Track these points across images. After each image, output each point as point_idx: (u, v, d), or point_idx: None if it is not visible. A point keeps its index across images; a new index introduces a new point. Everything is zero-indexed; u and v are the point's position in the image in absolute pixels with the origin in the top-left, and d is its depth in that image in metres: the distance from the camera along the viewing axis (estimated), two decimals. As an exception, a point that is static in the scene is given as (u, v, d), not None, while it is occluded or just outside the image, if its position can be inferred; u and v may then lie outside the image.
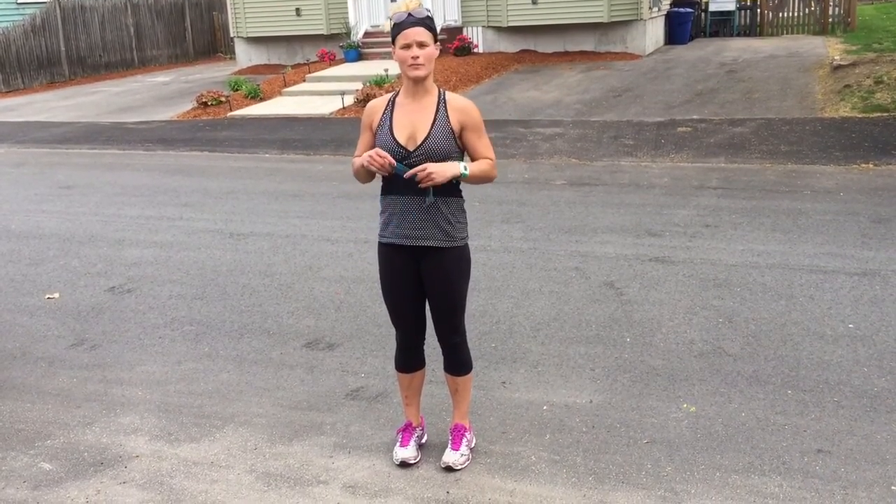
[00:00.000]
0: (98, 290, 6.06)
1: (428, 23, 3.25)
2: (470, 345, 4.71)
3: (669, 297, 5.31)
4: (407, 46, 3.22)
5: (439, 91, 3.39)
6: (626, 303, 5.27)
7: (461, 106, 3.37)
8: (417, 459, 3.67)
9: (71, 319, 5.53)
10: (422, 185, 3.26)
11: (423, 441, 3.81)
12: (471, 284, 5.63)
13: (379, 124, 3.39)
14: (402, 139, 3.31)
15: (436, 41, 3.31)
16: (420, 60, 3.23)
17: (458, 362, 3.59)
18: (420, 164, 3.26)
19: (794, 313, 4.97)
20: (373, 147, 3.37)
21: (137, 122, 13.83)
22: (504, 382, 4.35)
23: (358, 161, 3.42)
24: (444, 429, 3.86)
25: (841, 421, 3.81)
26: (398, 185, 3.36)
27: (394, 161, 3.24)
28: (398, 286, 3.51)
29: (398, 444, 3.70)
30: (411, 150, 3.30)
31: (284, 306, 5.54)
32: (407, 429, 3.73)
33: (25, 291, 6.09)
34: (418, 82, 3.30)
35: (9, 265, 6.70)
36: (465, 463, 3.61)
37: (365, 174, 3.45)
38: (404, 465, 3.64)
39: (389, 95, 3.44)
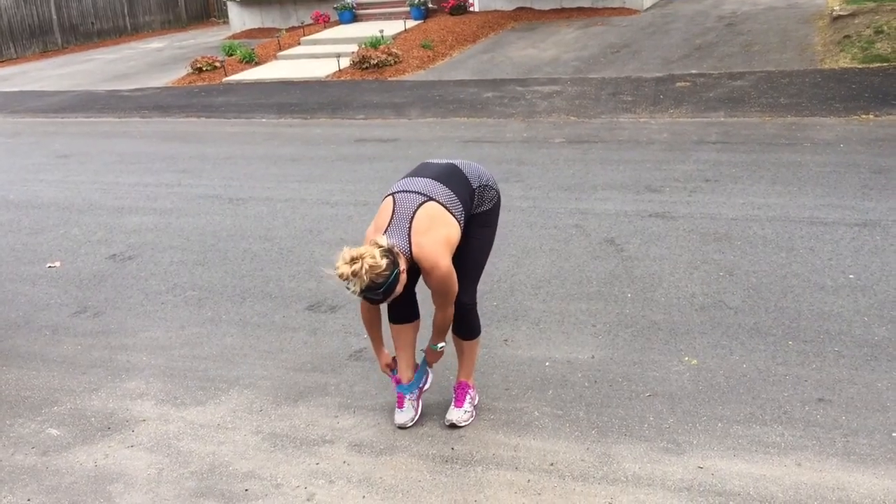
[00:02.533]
0: (99, 257, 6.06)
1: (389, 291, 3.18)
2: (471, 303, 4.75)
3: (670, 252, 5.31)
4: None
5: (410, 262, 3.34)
6: (627, 259, 5.27)
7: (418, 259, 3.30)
8: (415, 419, 3.69)
9: (73, 287, 5.55)
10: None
11: (426, 387, 3.80)
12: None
13: None
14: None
15: (400, 273, 3.20)
16: (400, 293, 3.30)
17: (467, 326, 3.60)
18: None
19: (794, 265, 4.97)
20: None
21: (132, 89, 13.73)
22: (506, 340, 4.37)
23: (370, 328, 3.69)
24: (448, 387, 3.89)
25: (842, 370, 3.83)
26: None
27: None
28: None
29: (396, 407, 3.73)
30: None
31: (286, 270, 5.55)
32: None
33: (27, 261, 6.10)
34: None
35: (9, 235, 6.70)
36: (468, 420, 3.64)
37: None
38: (403, 428, 3.67)
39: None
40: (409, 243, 3.27)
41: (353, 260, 3.11)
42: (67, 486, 3.44)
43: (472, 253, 3.52)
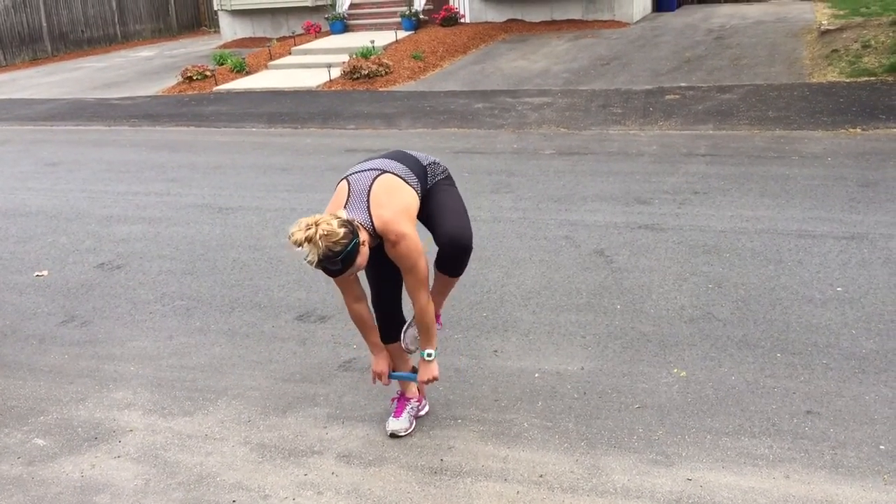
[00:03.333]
0: (87, 266, 6.03)
1: (349, 258, 3.08)
2: (461, 314, 4.76)
3: (659, 264, 5.33)
4: None
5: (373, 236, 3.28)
6: (616, 270, 5.28)
7: (383, 232, 3.24)
8: (409, 432, 3.68)
9: (60, 296, 5.52)
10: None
11: (423, 413, 3.80)
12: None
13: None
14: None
15: (359, 246, 3.12)
16: (360, 269, 3.23)
17: (461, 264, 3.46)
18: None
19: (782, 277, 4.99)
20: (363, 295, 3.52)
21: (122, 97, 13.70)
22: (496, 351, 4.37)
23: (365, 332, 3.60)
24: (437, 398, 3.88)
25: (830, 382, 3.85)
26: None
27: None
28: (377, 264, 3.43)
29: (391, 414, 3.72)
30: None
31: (275, 280, 5.54)
32: (400, 399, 3.75)
33: (14, 269, 6.07)
34: None
35: (-4, 243, 6.66)
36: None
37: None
38: (395, 436, 3.66)
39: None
40: (370, 216, 3.21)
41: (307, 227, 3.02)
42: (53, 497, 3.41)
43: (450, 203, 3.47)
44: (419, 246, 3.25)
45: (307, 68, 14.26)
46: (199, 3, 24.68)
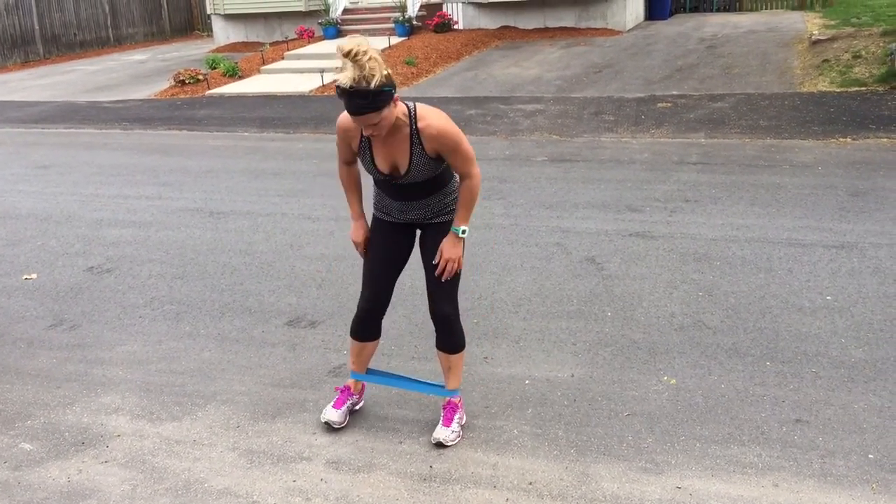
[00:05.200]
0: (77, 270, 6.01)
1: (374, 105, 3.00)
2: (452, 321, 4.74)
3: (650, 272, 5.34)
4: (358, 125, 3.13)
5: (410, 119, 3.24)
6: (607, 278, 5.29)
7: (433, 135, 3.22)
8: (342, 425, 3.76)
9: (49, 300, 5.49)
10: (446, 277, 3.44)
11: (357, 408, 3.90)
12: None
13: (360, 151, 3.36)
14: (385, 170, 3.34)
15: (391, 100, 3.08)
16: (376, 132, 3.13)
17: (452, 340, 3.58)
18: (410, 186, 3.37)
19: (772, 286, 5.01)
20: (354, 160, 3.52)
21: (114, 100, 13.67)
22: (486, 358, 4.37)
23: (348, 190, 3.60)
24: (427, 405, 3.88)
25: (819, 391, 3.86)
26: (388, 192, 3.48)
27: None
28: (386, 250, 3.58)
29: (331, 403, 3.79)
30: (399, 178, 3.35)
31: (265, 284, 5.52)
32: (344, 391, 3.81)
33: (2, 272, 6.03)
34: None
35: (-15, 246, 6.63)
36: (455, 440, 3.62)
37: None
38: (328, 426, 3.74)
39: None
40: (413, 105, 3.26)
41: (359, 44, 2.96)
42: (39, 502, 3.39)
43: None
44: (460, 131, 3.27)
45: (300, 73, 14.26)
46: (193, 6, 24.66)
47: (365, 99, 2.98)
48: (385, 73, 3.01)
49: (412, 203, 3.47)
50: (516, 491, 3.29)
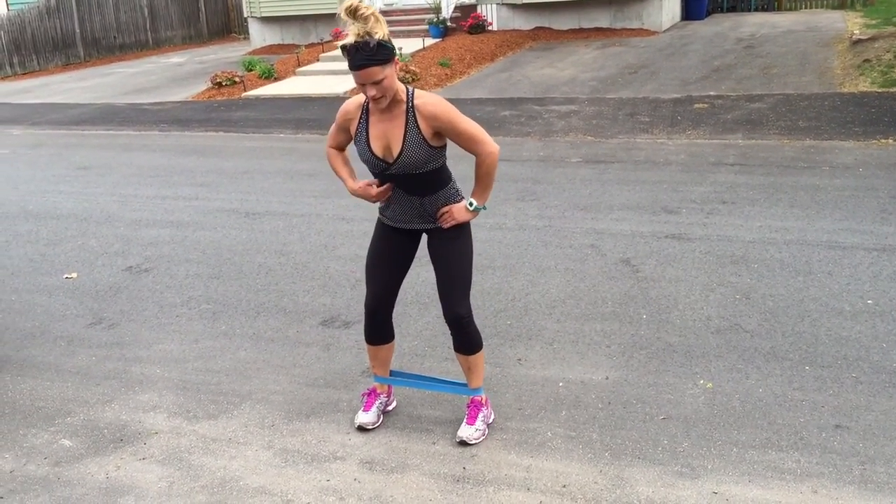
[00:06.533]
0: (115, 269, 6.10)
1: (377, 57, 3.05)
2: (485, 322, 4.74)
3: (686, 274, 5.28)
4: (361, 85, 3.14)
5: (408, 97, 3.27)
6: (643, 280, 5.24)
7: (430, 113, 3.23)
8: (376, 425, 3.79)
9: (89, 299, 5.58)
10: (445, 225, 3.43)
11: (390, 409, 3.92)
12: (487, 262, 5.64)
13: (356, 133, 3.39)
14: (379, 152, 3.33)
15: (393, 59, 3.13)
16: (378, 95, 3.15)
17: (468, 341, 3.57)
18: (400, 174, 3.35)
19: (812, 289, 4.93)
20: (345, 146, 3.59)
21: (152, 102, 13.86)
22: (520, 359, 4.35)
23: (336, 164, 3.63)
24: (460, 405, 3.87)
25: (859, 396, 3.79)
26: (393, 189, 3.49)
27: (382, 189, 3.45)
28: (384, 249, 3.61)
29: (360, 409, 3.81)
30: (390, 162, 3.32)
31: (300, 285, 5.56)
32: (371, 394, 3.82)
33: (44, 271, 6.14)
34: None
35: (27, 245, 6.75)
36: (479, 438, 3.62)
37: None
38: (362, 429, 3.76)
39: (362, 100, 3.36)
40: (412, 89, 3.30)
41: (360, 2, 3.04)
42: (78, 498, 3.44)
43: (455, 260, 3.47)
44: (457, 110, 3.26)
45: (335, 75, 14.34)
46: (230, 10, 24.93)
47: (369, 52, 3.05)
48: (386, 31, 3.11)
49: (410, 202, 3.44)
50: (550, 494, 3.27)
